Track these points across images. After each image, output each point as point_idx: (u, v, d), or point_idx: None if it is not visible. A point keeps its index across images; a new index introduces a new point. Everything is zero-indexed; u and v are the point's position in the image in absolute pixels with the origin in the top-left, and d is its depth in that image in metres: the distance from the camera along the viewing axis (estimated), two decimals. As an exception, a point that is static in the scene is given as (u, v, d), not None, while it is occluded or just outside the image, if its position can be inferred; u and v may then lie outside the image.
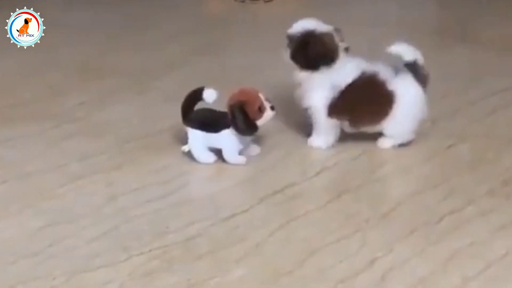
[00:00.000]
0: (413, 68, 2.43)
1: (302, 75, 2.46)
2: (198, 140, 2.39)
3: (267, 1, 4.20)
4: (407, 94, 2.42)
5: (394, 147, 2.50)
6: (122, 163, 2.46)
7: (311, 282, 1.89)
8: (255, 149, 2.46)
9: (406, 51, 2.43)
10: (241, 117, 2.32)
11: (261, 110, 2.34)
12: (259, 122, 2.35)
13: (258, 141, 2.50)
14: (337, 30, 2.46)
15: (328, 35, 2.44)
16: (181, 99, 2.92)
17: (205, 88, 2.39)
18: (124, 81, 3.13)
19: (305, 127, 2.54)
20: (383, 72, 2.42)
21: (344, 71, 2.42)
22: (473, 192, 2.27)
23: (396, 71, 2.42)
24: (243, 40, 3.69)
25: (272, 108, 2.37)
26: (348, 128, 2.49)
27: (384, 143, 2.50)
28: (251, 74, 3.21)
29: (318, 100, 2.44)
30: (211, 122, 2.39)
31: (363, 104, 2.43)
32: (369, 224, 2.12)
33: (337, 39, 2.44)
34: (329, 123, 2.47)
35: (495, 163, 2.42)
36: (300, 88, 2.48)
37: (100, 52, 3.48)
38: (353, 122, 2.47)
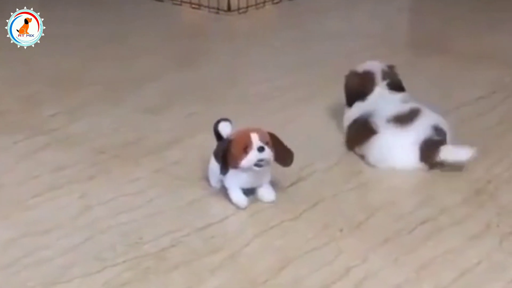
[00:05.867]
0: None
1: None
2: (213, 166, 2.31)
3: (241, 13, 4.21)
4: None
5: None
6: (95, 174, 2.45)
7: (286, 292, 1.90)
8: (269, 195, 2.29)
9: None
10: (219, 154, 2.23)
11: (246, 150, 2.19)
12: (243, 163, 2.19)
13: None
14: (390, 67, 2.67)
15: (362, 74, 2.65)
16: (156, 110, 2.94)
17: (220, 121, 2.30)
18: (98, 92, 3.13)
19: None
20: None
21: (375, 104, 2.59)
22: (446, 202, 2.29)
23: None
24: (218, 51, 3.69)
25: (260, 149, 2.18)
26: None
27: None
28: (225, 86, 3.22)
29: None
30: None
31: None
32: (344, 234, 2.13)
33: (375, 76, 2.62)
34: None
35: (468, 172, 2.44)
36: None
37: (76, 64, 3.47)
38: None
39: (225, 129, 2.28)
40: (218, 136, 2.30)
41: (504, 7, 4.22)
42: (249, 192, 2.29)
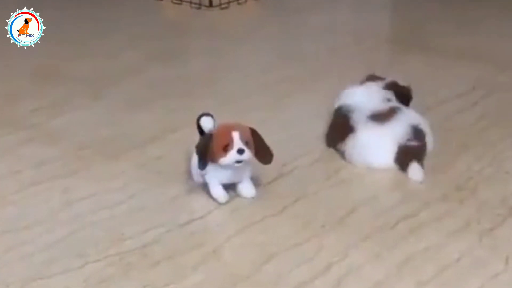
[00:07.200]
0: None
1: None
2: (195, 161, 2.28)
3: (223, 8, 4.21)
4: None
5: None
6: (77, 169, 2.45)
7: (268, 287, 1.90)
8: (249, 191, 2.29)
9: None
10: (199, 149, 2.22)
11: (226, 149, 2.19)
12: (222, 161, 2.19)
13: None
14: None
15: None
16: (137, 105, 2.94)
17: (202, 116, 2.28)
18: (80, 87, 3.12)
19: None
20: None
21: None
22: (427, 197, 2.30)
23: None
24: (200, 46, 3.69)
25: (240, 151, 2.17)
26: None
27: None
28: (207, 81, 3.22)
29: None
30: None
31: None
32: (326, 229, 2.14)
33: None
34: None
35: (449, 168, 2.46)
36: None
37: (57, 59, 3.45)
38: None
39: (207, 124, 2.27)
40: (201, 130, 2.30)
41: (485, 5, 4.24)
42: (230, 187, 2.29)
